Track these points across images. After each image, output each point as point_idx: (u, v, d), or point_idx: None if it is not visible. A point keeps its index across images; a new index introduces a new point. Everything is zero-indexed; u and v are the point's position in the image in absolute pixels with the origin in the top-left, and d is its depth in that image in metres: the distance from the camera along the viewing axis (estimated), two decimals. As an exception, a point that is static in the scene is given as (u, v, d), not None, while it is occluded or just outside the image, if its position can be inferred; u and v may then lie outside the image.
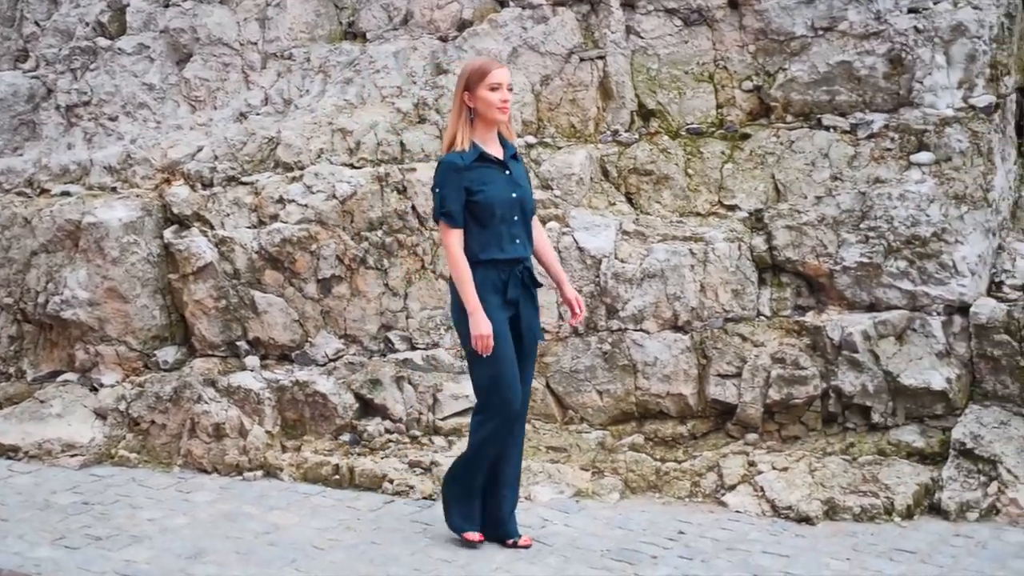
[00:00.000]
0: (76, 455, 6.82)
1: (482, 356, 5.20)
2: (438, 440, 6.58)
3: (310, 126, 7.43)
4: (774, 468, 6.08)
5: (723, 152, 6.99)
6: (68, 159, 8.09)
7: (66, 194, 7.75)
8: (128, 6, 8.44)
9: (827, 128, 6.81)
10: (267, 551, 5.46)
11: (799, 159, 6.79)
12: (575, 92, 7.36)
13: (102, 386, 7.24)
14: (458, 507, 5.44)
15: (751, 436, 6.43)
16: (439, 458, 6.31)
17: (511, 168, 5.35)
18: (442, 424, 6.65)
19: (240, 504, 6.10)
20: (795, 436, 6.39)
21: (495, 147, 5.35)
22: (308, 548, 5.49)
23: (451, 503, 5.47)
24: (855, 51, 6.80)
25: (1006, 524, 5.67)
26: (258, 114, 7.87)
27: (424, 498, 6.09)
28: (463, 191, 5.22)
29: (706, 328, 6.59)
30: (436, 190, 5.28)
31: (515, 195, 5.31)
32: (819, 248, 6.52)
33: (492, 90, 5.25)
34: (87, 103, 8.41)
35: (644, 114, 7.29)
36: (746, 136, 7.01)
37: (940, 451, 6.08)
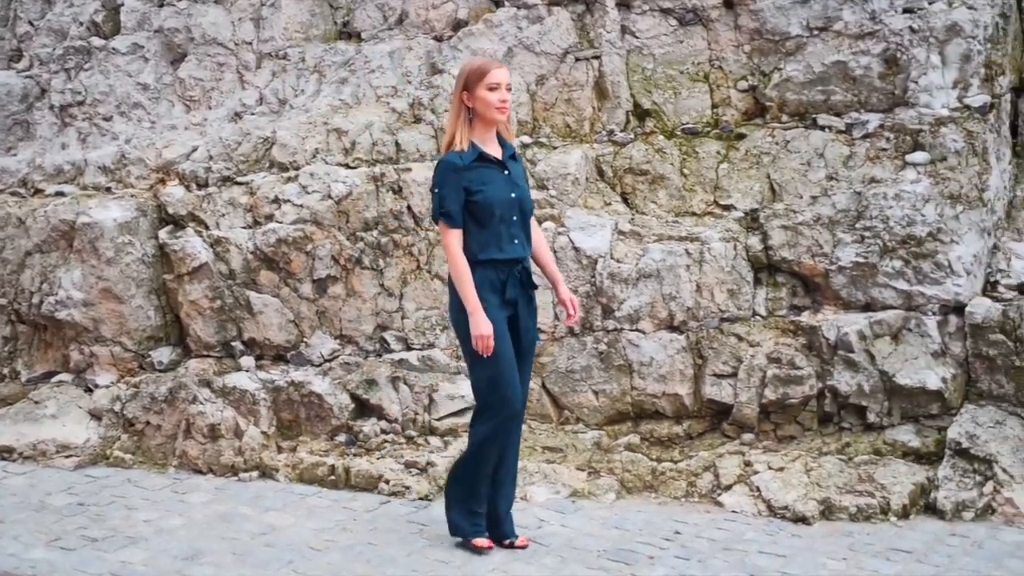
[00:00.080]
0: (71, 456, 6.81)
1: (482, 356, 5.20)
2: (434, 440, 6.57)
3: (305, 126, 7.42)
4: (770, 468, 6.08)
5: (719, 152, 6.99)
6: (62, 159, 8.07)
7: (60, 194, 7.73)
8: (122, 6, 8.44)
9: (822, 128, 6.81)
10: (263, 552, 5.45)
11: (794, 159, 6.79)
12: (570, 92, 7.36)
13: (97, 387, 7.22)
14: (461, 509, 5.41)
15: (747, 436, 6.43)
16: (435, 459, 6.30)
17: (510, 168, 5.34)
18: (438, 424, 6.64)
19: (236, 505, 6.09)
20: (791, 436, 6.39)
21: (494, 147, 5.34)
22: (304, 549, 5.48)
23: (453, 505, 5.44)
24: (850, 51, 6.80)
25: (1002, 524, 5.67)
26: (253, 114, 7.86)
27: (420, 499, 6.08)
28: (462, 191, 5.21)
29: (702, 328, 6.58)
30: (435, 190, 5.27)
31: (514, 195, 5.30)
32: (815, 248, 6.53)
33: (491, 90, 5.24)
34: (81, 103, 8.40)
35: (639, 114, 7.30)
36: (741, 136, 7.01)
37: (936, 451, 6.08)
